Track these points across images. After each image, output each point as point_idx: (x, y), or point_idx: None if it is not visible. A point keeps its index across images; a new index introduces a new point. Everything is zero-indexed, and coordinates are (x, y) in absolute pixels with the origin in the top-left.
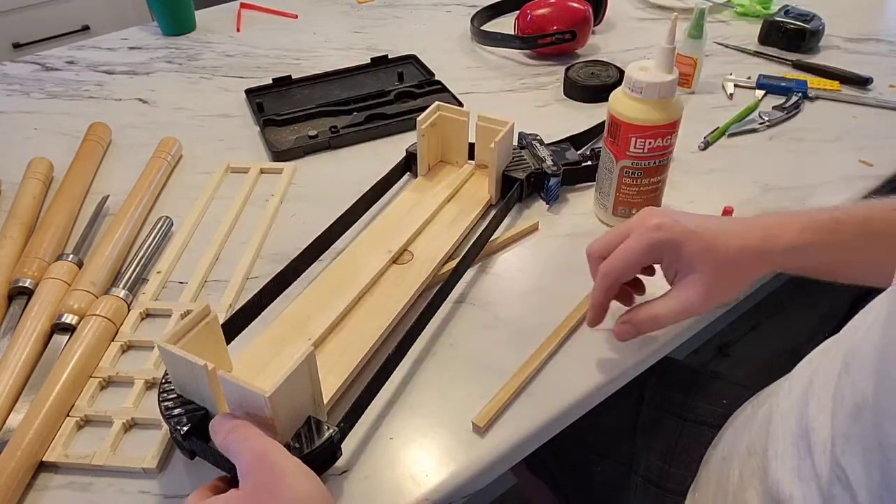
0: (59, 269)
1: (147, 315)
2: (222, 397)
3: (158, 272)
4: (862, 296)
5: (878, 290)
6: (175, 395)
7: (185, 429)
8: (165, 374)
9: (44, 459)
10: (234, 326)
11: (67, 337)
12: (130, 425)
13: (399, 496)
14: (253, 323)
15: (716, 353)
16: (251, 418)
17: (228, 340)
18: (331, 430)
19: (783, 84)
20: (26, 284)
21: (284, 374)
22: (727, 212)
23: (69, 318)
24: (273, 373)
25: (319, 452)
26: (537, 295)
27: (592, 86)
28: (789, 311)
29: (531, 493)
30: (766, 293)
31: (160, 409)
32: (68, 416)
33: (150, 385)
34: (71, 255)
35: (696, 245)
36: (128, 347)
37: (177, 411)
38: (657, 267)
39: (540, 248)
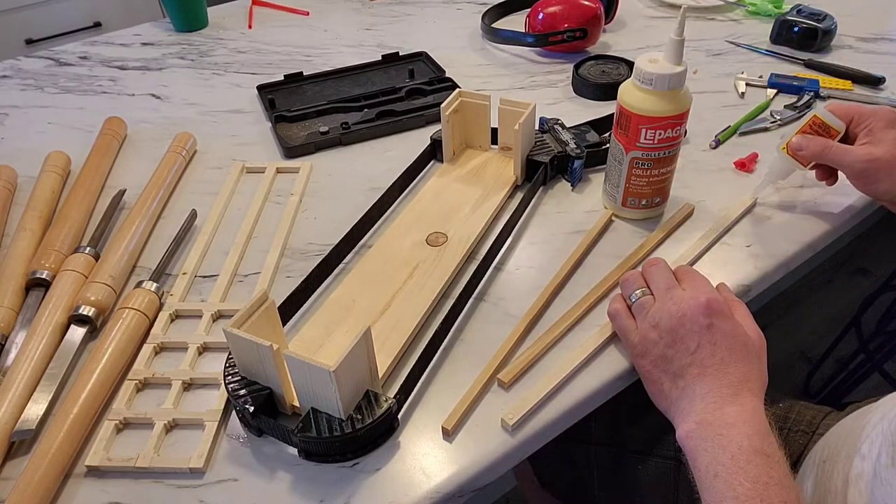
0: (77, 262)
1: (177, 316)
2: (286, 376)
3: (184, 273)
4: (870, 298)
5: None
6: (240, 378)
7: (253, 408)
8: (229, 358)
9: (87, 464)
10: (286, 312)
11: (86, 329)
12: (171, 426)
13: (409, 488)
14: (299, 311)
15: None
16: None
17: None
18: (389, 402)
19: (795, 83)
20: (44, 276)
21: (346, 349)
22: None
23: (86, 310)
24: (328, 353)
25: (380, 423)
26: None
27: (603, 83)
28: (798, 312)
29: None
30: (775, 294)
31: (227, 390)
32: (107, 419)
33: (187, 386)
34: (88, 248)
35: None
36: (161, 349)
37: (242, 392)
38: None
39: (550, 243)
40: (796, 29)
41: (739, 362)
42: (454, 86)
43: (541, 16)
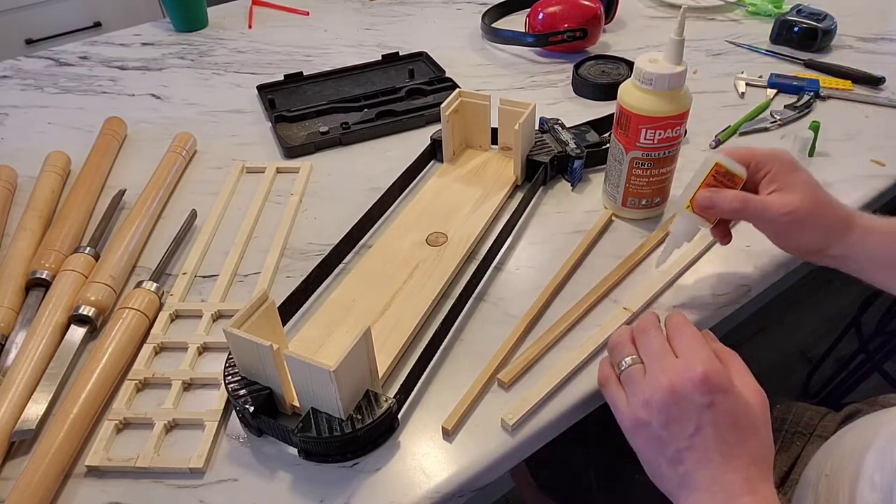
0: (77, 262)
1: (177, 316)
2: (286, 376)
3: (184, 273)
4: (870, 298)
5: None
6: (240, 378)
7: (253, 408)
8: (229, 358)
9: (87, 464)
10: (286, 312)
11: (86, 329)
12: (171, 426)
13: (409, 488)
14: (299, 311)
15: None
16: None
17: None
18: (389, 402)
19: (795, 83)
20: (44, 276)
21: (346, 349)
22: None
23: (86, 310)
24: (328, 353)
25: (380, 423)
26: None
27: (603, 83)
28: (797, 313)
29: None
30: (774, 294)
31: (227, 390)
32: (107, 419)
33: (187, 386)
34: (88, 248)
35: (806, 177)
36: (161, 349)
37: (242, 392)
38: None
39: (550, 243)
40: (796, 29)
41: (747, 441)
42: (454, 86)
43: (541, 16)
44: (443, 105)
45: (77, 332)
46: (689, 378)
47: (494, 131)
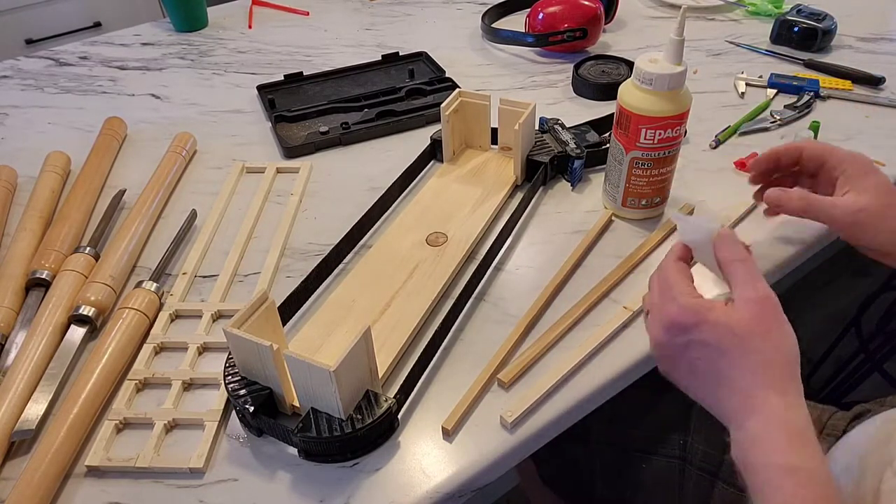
0: (77, 262)
1: (177, 316)
2: (286, 376)
3: (184, 273)
4: (870, 298)
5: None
6: (240, 378)
7: (253, 408)
8: (229, 358)
9: (87, 464)
10: (286, 312)
11: (86, 329)
12: (171, 426)
13: (409, 488)
14: (299, 311)
15: None
16: None
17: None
18: (389, 402)
19: (795, 83)
20: (44, 276)
21: (346, 349)
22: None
23: (86, 310)
24: (328, 353)
25: (380, 423)
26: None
27: (603, 83)
28: (797, 311)
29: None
30: (775, 294)
31: (227, 390)
32: (107, 419)
33: (187, 386)
34: (88, 248)
35: (881, 179)
36: (161, 349)
37: (242, 392)
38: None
39: (550, 243)
40: (796, 29)
41: (741, 358)
42: (454, 86)
43: (541, 16)
44: (443, 105)
45: (77, 332)
46: (663, 328)
47: (494, 131)
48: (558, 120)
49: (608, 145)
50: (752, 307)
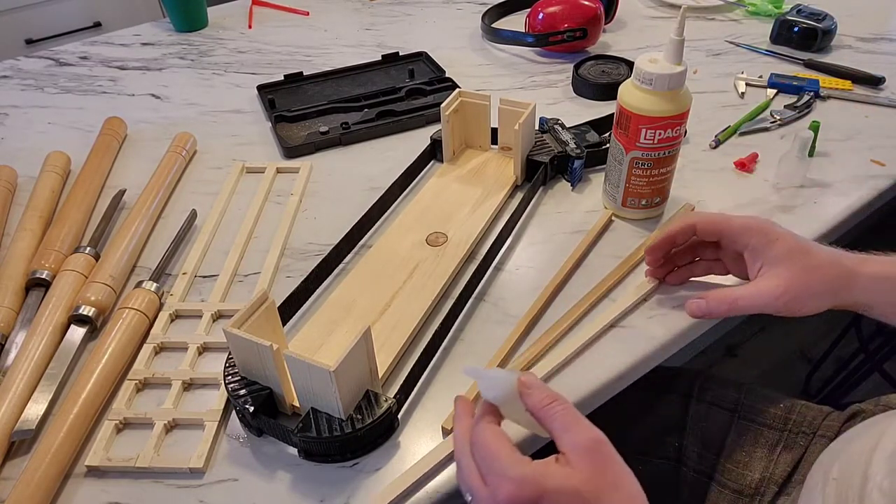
0: (77, 262)
1: (177, 316)
2: (286, 376)
3: (184, 273)
4: None
5: None
6: (240, 378)
7: (253, 408)
8: (229, 358)
9: (87, 464)
10: (286, 312)
11: (86, 329)
12: (171, 426)
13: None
14: (299, 311)
15: (724, 354)
16: None
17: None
18: (389, 402)
19: (795, 83)
20: (44, 276)
21: (346, 350)
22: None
23: (86, 310)
24: (328, 353)
25: (380, 423)
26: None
27: (603, 83)
28: None
29: None
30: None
31: (227, 390)
32: (107, 419)
33: (187, 386)
34: (88, 248)
35: (789, 243)
36: (161, 349)
37: (242, 392)
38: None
39: (551, 243)
40: (796, 29)
41: None
42: (454, 86)
43: (541, 16)
44: (443, 105)
45: (77, 332)
46: None
47: (494, 131)
48: (558, 120)
49: (608, 145)
50: (587, 458)
